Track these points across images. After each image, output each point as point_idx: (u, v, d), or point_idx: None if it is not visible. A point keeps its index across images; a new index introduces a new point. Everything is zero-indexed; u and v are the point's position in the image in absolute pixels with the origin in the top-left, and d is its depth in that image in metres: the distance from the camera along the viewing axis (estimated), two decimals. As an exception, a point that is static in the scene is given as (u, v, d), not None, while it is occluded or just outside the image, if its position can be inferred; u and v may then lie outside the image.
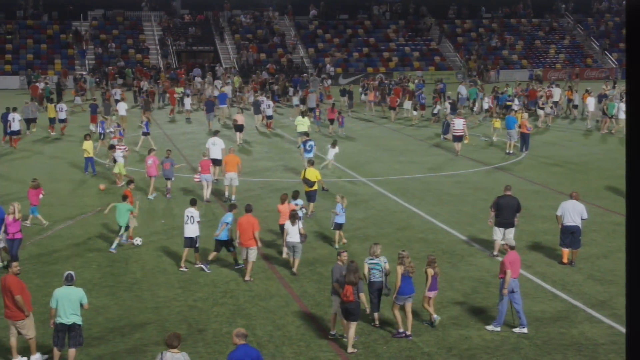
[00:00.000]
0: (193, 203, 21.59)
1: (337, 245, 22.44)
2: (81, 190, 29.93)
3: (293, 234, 20.39)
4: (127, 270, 20.53)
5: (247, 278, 19.80)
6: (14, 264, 15.54)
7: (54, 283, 16.97)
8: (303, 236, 20.61)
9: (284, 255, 21.18)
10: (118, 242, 22.19)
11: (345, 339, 15.86)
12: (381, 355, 15.49)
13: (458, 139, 37.51)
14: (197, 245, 20.91)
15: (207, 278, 19.92)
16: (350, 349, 15.59)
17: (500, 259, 21.18)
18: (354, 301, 15.51)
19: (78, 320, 14.75)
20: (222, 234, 20.79)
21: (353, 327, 15.62)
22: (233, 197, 27.80)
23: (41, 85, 56.49)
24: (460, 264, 21.08)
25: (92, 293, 16.95)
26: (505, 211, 21.33)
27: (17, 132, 39.48)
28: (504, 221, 21.32)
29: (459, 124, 37.72)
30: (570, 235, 20.95)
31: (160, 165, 29.06)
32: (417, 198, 28.54)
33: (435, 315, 16.95)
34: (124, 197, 22.72)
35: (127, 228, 22.48)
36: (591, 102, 47.17)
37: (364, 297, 15.92)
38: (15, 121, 39.17)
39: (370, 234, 23.87)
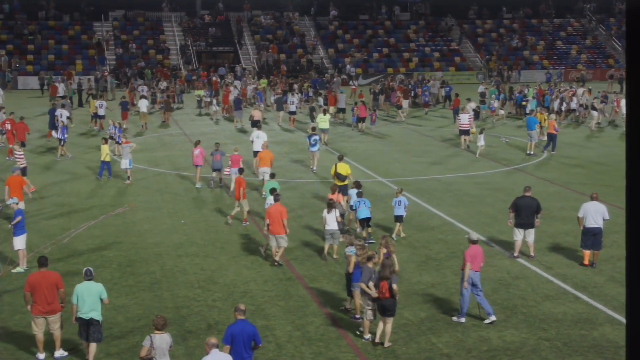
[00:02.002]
0: (272, 192, 22.65)
1: (394, 237, 23.10)
2: (102, 191, 30.06)
3: (331, 221, 21.21)
4: (147, 270, 20.60)
5: (276, 259, 20.82)
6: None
7: (75, 282, 16.99)
8: (341, 224, 21.50)
9: (326, 249, 21.72)
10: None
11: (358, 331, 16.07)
12: (400, 356, 15.44)
13: (464, 132, 39.14)
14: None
15: (227, 278, 19.96)
16: (387, 344, 15.73)
17: (521, 260, 21.16)
18: (390, 297, 15.70)
19: (96, 315, 14.92)
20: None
21: (390, 322, 15.86)
22: (263, 193, 28.09)
23: (61, 86, 56.75)
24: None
25: (112, 292, 17.02)
26: (524, 212, 21.21)
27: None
28: (524, 222, 21.19)
29: (464, 119, 39.27)
30: (592, 237, 20.80)
31: (211, 156, 30.22)
32: (437, 199, 28.45)
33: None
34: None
35: None
36: (624, 105, 46.85)
37: (396, 289, 15.95)
38: (63, 117, 40.28)
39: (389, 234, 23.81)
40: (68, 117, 41.05)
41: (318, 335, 16.39)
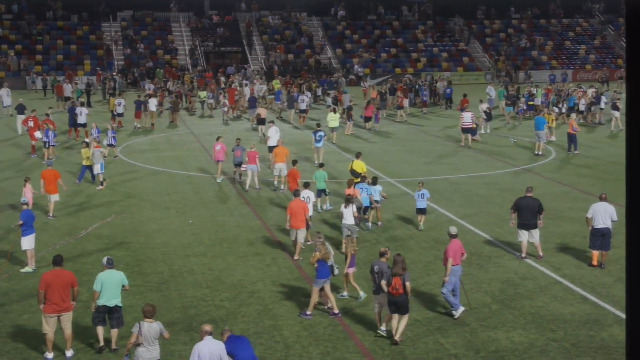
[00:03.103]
0: (306, 186, 23.67)
1: (421, 227, 24.22)
2: (109, 191, 30.09)
3: (348, 216, 21.75)
4: (155, 270, 20.63)
5: (296, 257, 21.34)
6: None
7: (83, 282, 17.10)
8: (357, 219, 22.15)
9: (344, 240, 21.78)
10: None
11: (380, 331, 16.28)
12: (408, 357, 15.44)
13: (466, 130, 39.94)
14: (310, 225, 22.32)
15: (234, 278, 19.97)
16: (398, 338, 15.87)
17: (529, 260, 21.12)
18: (403, 294, 15.82)
19: (119, 302, 15.69)
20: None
21: (404, 320, 16.00)
22: (282, 187, 29.38)
23: (69, 87, 56.88)
24: (488, 266, 20.96)
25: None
26: (525, 212, 21.16)
27: (84, 125, 41.18)
28: (525, 223, 21.15)
29: (467, 117, 40.06)
30: (601, 238, 20.75)
31: (232, 152, 30.68)
32: (445, 199, 28.41)
33: (362, 293, 18.31)
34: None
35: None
36: None
37: (409, 287, 16.10)
38: (83, 114, 41.16)
39: (397, 235, 23.84)
40: (87, 114, 41.87)
41: (326, 336, 16.39)
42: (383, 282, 16.11)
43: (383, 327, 16.42)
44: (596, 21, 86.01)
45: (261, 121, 41.87)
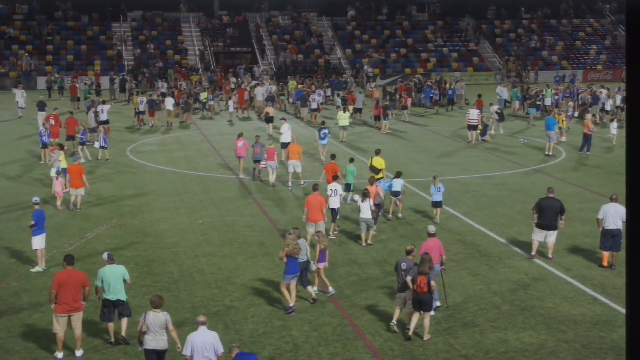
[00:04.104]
0: (335, 179, 24.55)
1: (437, 220, 24.67)
2: (119, 191, 30.14)
3: (365, 210, 22.28)
4: (165, 270, 20.65)
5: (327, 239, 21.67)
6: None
7: (93, 282, 17.04)
8: (375, 212, 22.59)
9: (364, 237, 22.73)
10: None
11: (407, 329, 16.30)
12: (418, 357, 15.40)
13: (472, 127, 40.76)
14: (337, 217, 23.60)
15: (244, 278, 19.97)
16: (426, 336, 16.07)
17: (539, 261, 21.06)
18: (427, 292, 15.96)
19: (122, 296, 15.94)
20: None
21: (427, 317, 16.16)
22: (302, 182, 30.26)
23: (81, 85, 57.11)
24: (497, 266, 20.90)
25: (130, 292, 17.07)
26: (547, 213, 21.08)
27: (106, 122, 41.66)
28: (546, 224, 21.06)
29: (473, 114, 40.81)
30: (611, 239, 20.68)
31: (251, 148, 31.46)
32: (455, 199, 28.35)
33: (331, 288, 18.64)
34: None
35: None
36: None
37: (434, 286, 16.25)
38: (104, 112, 41.59)
39: (406, 234, 23.79)
40: (108, 111, 42.39)
41: (335, 336, 16.37)
42: (408, 279, 16.30)
43: (394, 322, 16.59)
44: (607, 21, 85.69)
45: (269, 119, 43.00)
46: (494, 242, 23.16)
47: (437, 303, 17.49)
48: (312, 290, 18.37)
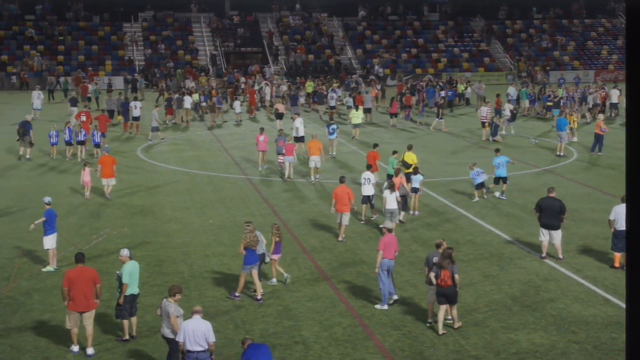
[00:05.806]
0: (368, 167, 26.10)
1: (476, 199, 27.40)
2: (130, 190, 30.20)
3: (391, 201, 22.97)
4: (175, 270, 20.68)
5: (340, 239, 22.96)
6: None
7: (103, 281, 17.11)
8: (400, 203, 23.40)
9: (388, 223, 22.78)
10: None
11: (433, 322, 16.63)
12: (429, 358, 15.37)
13: (482, 124, 41.80)
14: (372, 202, 24.98)
15: (254, 278, 19.97)
16: (457, 324, 16.51)
17: (550, 262, 21.00)
18: (451, 285, 16.20)
19: (137, 290, 16.45)
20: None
21: (454, 308, 16.49)
22: (317, 176, 31.16)
23: (91, 86, 57.20)
24: (508, 267, 20.84)
25: (141, 292, 17.08)
26: (547, 213, 21.06)
27: (138, 118, 43.24)
28: (547, 223, 21.06)
29: (483, 111, 41.85)
30: (623, 240, 20.56)
31: (275, 142, 32.84)
32: (466, 200, 28.29)
33: (286, 275, 19.42)
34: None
35: None
36: None
37: (458, 279, 16.50)
38: (137, 108, 43.23)
39: (417, 235, 23.76)
40: (140, 107, 43.90)
41: (345, 336, 16.36)
42: (432, 275, 16.47)
43: (430, 320, 16.86)
44: (619, 21, 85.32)
45: (279, 116, 44.11)
46: (504, 243, 23.10)
47: (385, 307, 17.75)
48: (260, 286, 18.62)
